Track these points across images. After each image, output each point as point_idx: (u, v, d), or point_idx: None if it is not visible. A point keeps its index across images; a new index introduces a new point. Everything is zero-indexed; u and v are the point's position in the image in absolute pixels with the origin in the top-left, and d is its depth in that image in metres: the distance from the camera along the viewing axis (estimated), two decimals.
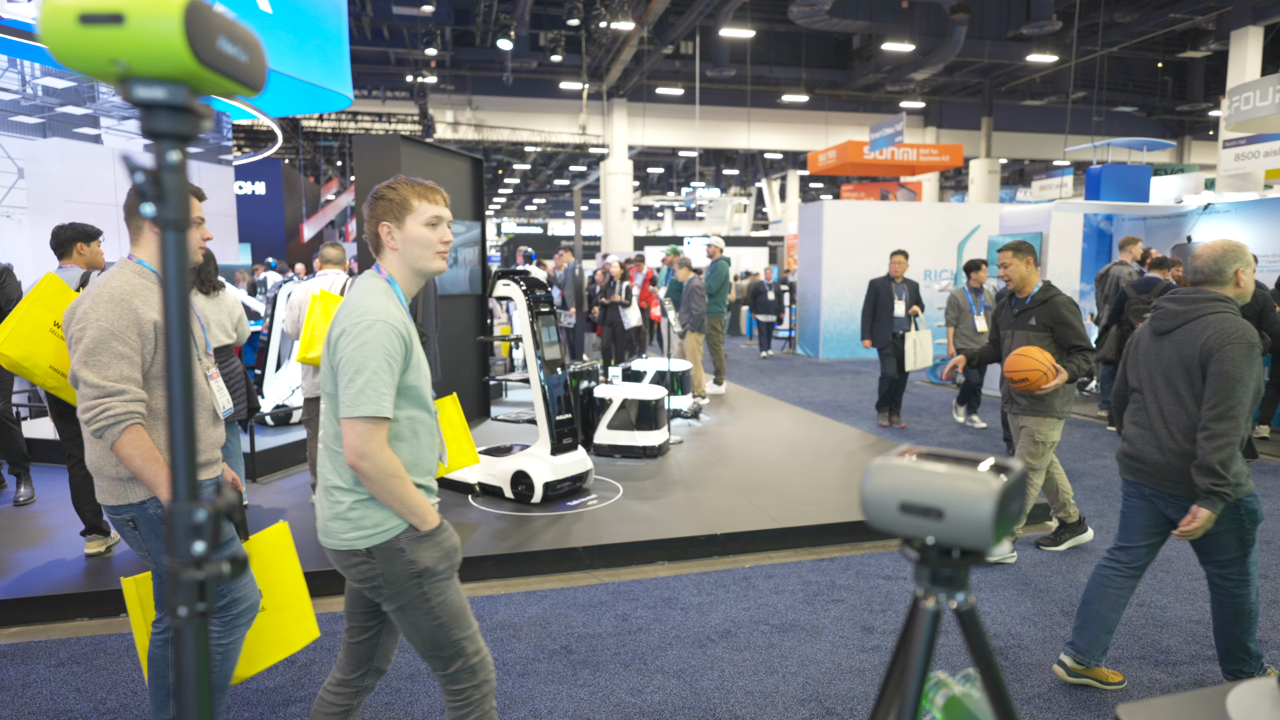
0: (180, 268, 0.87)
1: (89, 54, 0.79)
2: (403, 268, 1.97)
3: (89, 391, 2.03)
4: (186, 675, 0.87)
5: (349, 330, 1.82)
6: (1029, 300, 4.17)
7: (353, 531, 1.89)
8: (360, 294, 1.88)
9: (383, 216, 1.94)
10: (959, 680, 1.19)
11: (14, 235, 8.00)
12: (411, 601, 1.90)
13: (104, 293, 2.10)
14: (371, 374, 1.79)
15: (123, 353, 2.06)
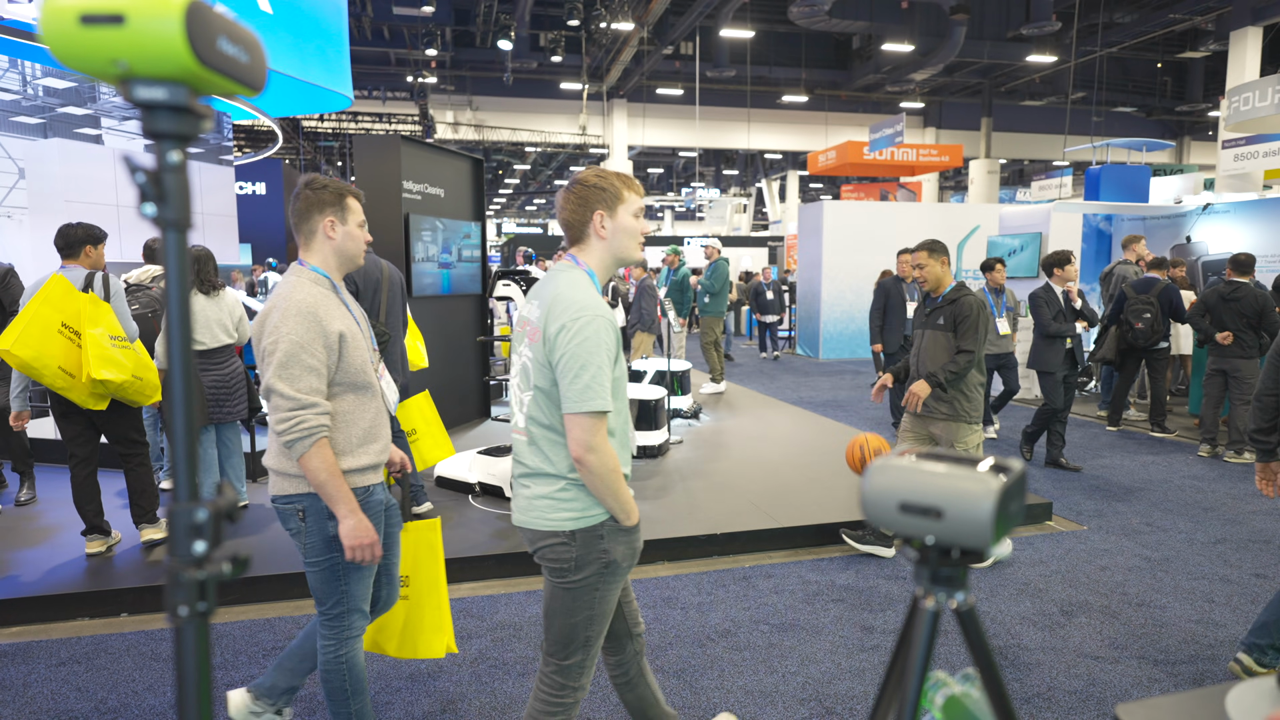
0: (180, 268, 0.87)
1: (90, 54, 0.79)
2: (605, 257, 2.02)
3: (283, 404, 2.07)
4: (187, 675, 0.87)
5: (568, 326, 1.86)
6: (940, 300, 4.22)
7: (560, 513, 1.95)
8: (569, 288, 1.92)
9: (597, 205, 1.98)
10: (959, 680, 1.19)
11: (14, 235, 8.00)
12: (584, 588, 1.98)
13: (291, 305, 2.11)
14: (596, 369, 1.85)
15: (312, 365, 2.10)
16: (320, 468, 2.09)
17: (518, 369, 2.04)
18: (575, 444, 1.86)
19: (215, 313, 4.54)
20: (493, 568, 4.13)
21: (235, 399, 4.65)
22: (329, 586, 2.26)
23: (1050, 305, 6.14)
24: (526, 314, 2.04)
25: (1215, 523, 4.97)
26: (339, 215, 2.23)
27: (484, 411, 7.89)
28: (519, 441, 2.03)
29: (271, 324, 2.11)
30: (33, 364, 3.62)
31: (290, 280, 2.20)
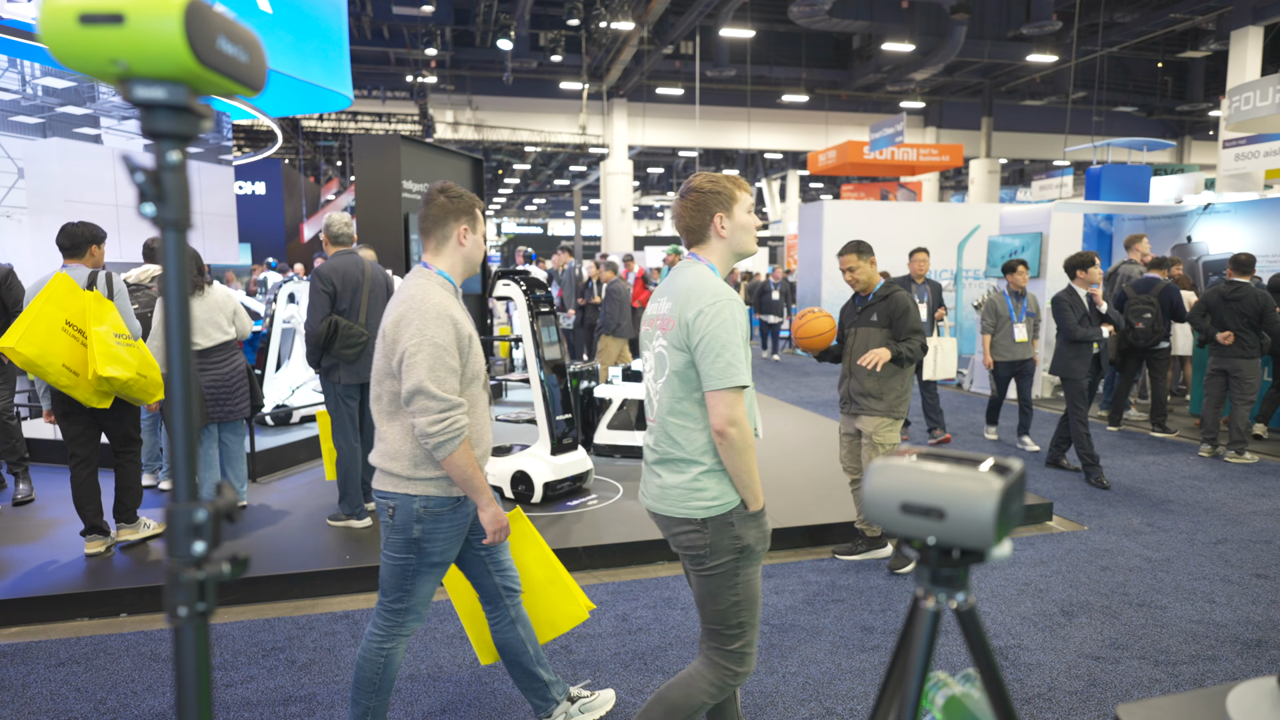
0: (180, 268, 0.87)
1: (89, 54, 0.79)
2: (725, 253, 2.17)
3: (433, 405, 2.14)
4: (186, 676, 0.87)
5: (705, 310, 1.99)
6: (871, 297, 4.25)
7: (693, 500, 2.05)
8: (699, 279, 2.06)
9: (715, 208, 2.13)
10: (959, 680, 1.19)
11: (14, 235, 8.00)
12: (724, 574, 2.07)
13: (429, 309, 2.19)
14: (735, 348, 1.98)
15: (453, 367, 2.20)
16: (466, 464, 2.20)
17: (653, 362, 2.16)
18: (718, 418, 1.98)
19: (204, 311, 4.52)
20: None
21: (236, 397, 4.63)
22: (396, 581, 2.34)
23: (1075, 309, 5.85)
24: (655, 310, 2.18)
25: (1216, 523, 4.97)
26: (471, 224, 2.34)
27: None
28: (654, 427, 2.15)
29: (414, 327, 2.17)
30: (37, 361, 3.63)
31: (418, 283, 2.26)
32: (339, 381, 4.44)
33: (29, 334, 3.62)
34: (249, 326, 4.77)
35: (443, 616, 3.65)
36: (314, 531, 4.51)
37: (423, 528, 2.27)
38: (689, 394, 2.05)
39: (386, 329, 2.24)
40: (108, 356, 3.71)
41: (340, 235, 4.64)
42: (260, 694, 2.99)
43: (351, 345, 4.37)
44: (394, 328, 2.21)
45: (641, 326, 2.27)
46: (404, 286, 2.29)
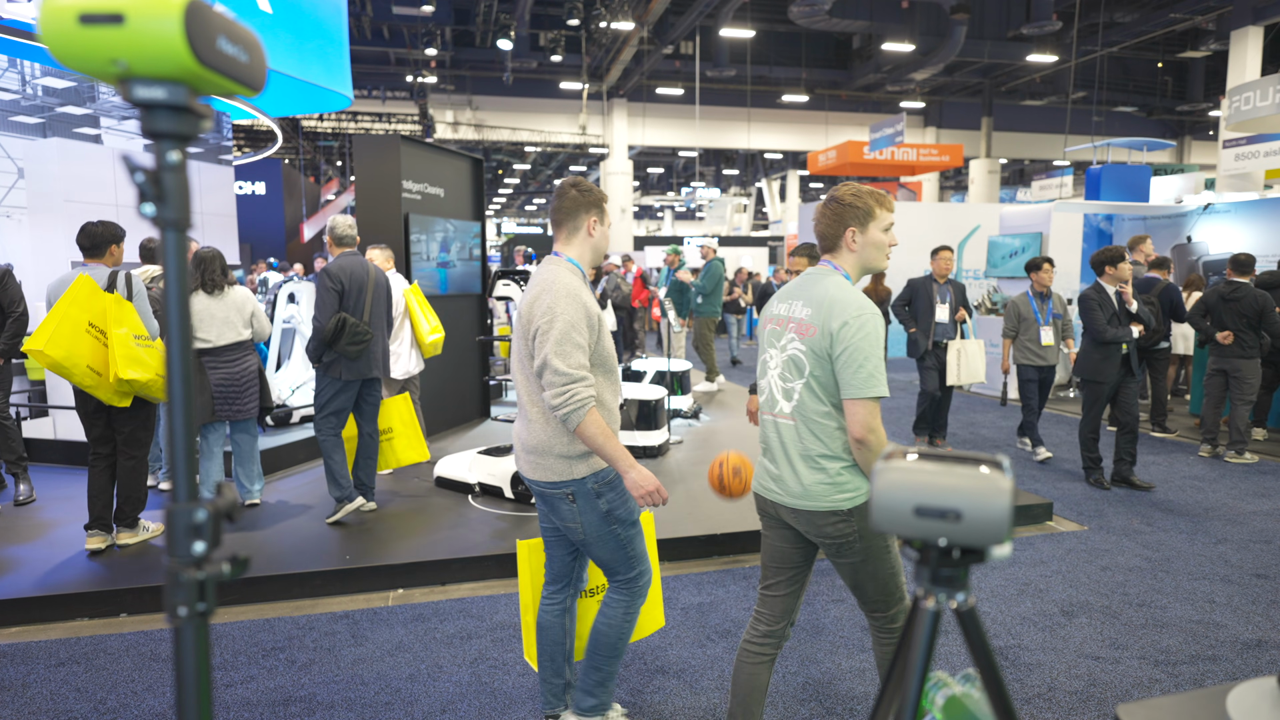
0: (180, 268, 0.87)
1: (89, 54, 0.79)
2: (855, 265, 2.26)
3: (557, 379, 2.24)
4: (186, 675, 0.87)
5: (850, 323, 2.09)
6: None
7: (839, 494, 2.16)
8: (839, 290, 2.16)
9: (850, 222, 2.22)
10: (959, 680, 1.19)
11: (14, 235, 8.00)
12: (877, 554, 2.20)
13: (560, 288, 2.31)
14: (876, 360, 2.08)
15: (580, 343, 2.29)
16: (596, 432, 2.27)
17: (782, 361, 2.24)
18: (858, 426, 2.08)
19: (221, 310, 4.61)
20: (493, 568, 4.13)
21: (246, 396, 4.67)
22: (618, 555, 2.45)
23: (1104, 308, 5.53)
24: (786, 312, 2.26)
25: (1216, 523, 4.97)
26: (600, 216, 2.47)
27: (484, 411, 7.89)
28: (786, 426, 2.24)
29: (544, 305, 2.28)
30: (63, 363, 3.72)
31: (551, 268, 2.39)
32: (340, 377, 4.54)
33: (56, 336, 3.70)
34: (267, 329, 4.85)
35: (443, 616, 3.65)
36: (314, 531, 4.51)
37: (606, 499, 2.39)
38: (828, 398, 2.17)
39: (523, 312, 2.36)
40: (128, 359, 3.81)
41: (344, 237, 4.74)
42: (260, 694, 2.99)
43: (356, 342, 4.49)
44: (529, 309, 2.33)
45: (763, 324, 2.37)
46: (538, 273, 2.42)
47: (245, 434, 4.86)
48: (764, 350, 2.34)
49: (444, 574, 4.06)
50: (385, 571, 4.01)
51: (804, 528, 2.23)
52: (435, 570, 4.06)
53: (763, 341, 2.35)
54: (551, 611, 2.63)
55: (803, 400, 2.19)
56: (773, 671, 2.47)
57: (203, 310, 4.56)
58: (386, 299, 4.81)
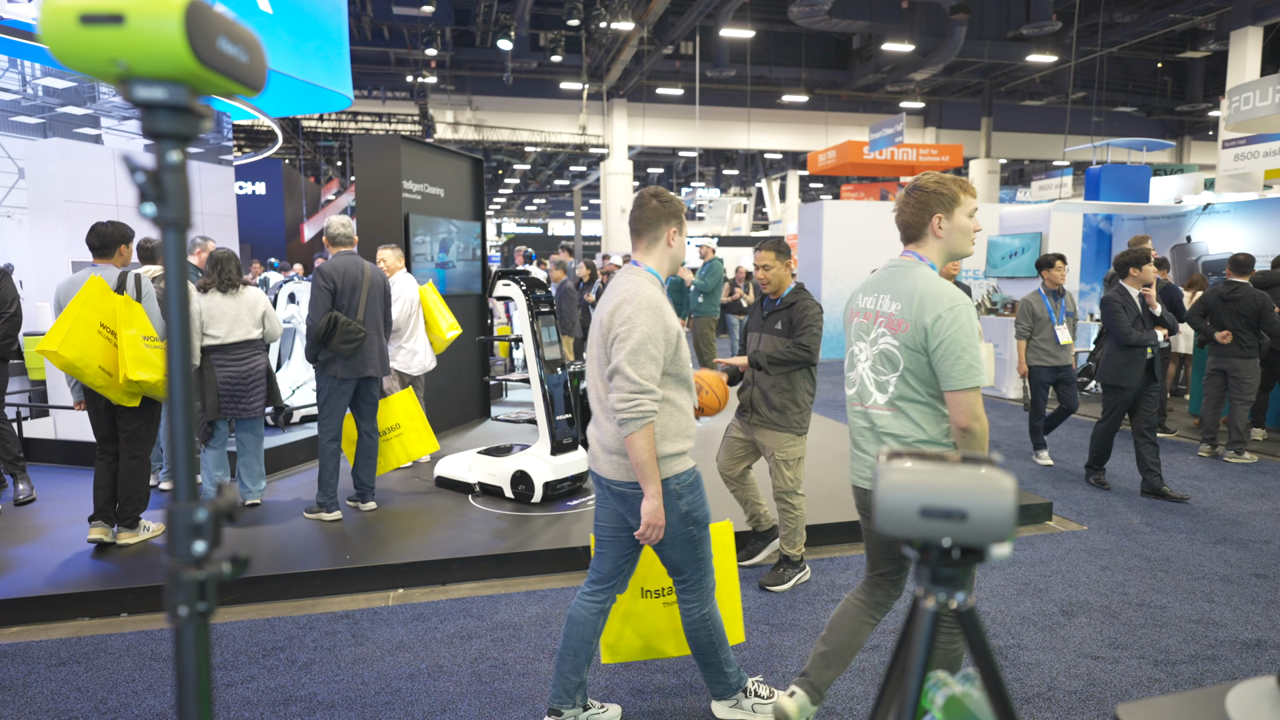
0: (180, 267, 0.87)
1: (89, 54, 0.79)
2: (941, 252, 2.29)
3: (627, 385, 2.31)
4: (187, 675, 0.87)
5: (944, 315, 2.13)
6: (779, 302, 4.00)
7: None
8: (928, 282, 2.20)
9: (936, 208, 2.25)
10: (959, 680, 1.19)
11: (14, 235, 8.00)
12: None
13: (642, 300, 2.37)
14: (974, 350, 2.13)
15: (654, 356, 2.34)
16: (644, 448, 2.32)
17: (873, 355, 2.30)
18: (962, 415, 2.13)
19: (234, 309, 4.67)
20: (493, 568, 4.13)
21: (253, 394, 4.70)
22: (689, 556, 2.52)
23: (1128, 310, 5.35)
24: (873, 305, 2.31)
25: (1215, 523, 4.97)
26: (679, 226, 2.51)
27: (484, 411, 7.89)
28: (882, 416, 2.30)
29: (625, 314, 2.35)
30: (76, 364, 3.77)
31: (632, 278, 2.45)
32: (335, 375, 4.58)
33: (70, 338, 3.76)
34: (279, 330, 4.90)
35: (443, 616, 3.65)
36: (314, 531, 4.51)
37: (686, 500, 2.45)
38: (925, 389, 2.22)
39: (603, 319, 2.41)
40: (137, 360, 3.87)
41: (339, 237, 4.77)
42: (261, 693, 2.99)
43: (349, 341, 4.51)
44: (609, 316, 2.39)
45: (849, 317, 2.42)
46: (618, 282, 2.48)
47: (250, 433, 4.88)
48: (852, 343, 2.39)
49: (444, 574, 4.06)
50: (385, 571, 4.01)
51: None
52: (435, 570, 4.06)
53: (850, 335, 2.41)
54: (589, 608, 2.63)
55: (899, 390, 2.25)
56: None
57: (215, 307, 4.60)
58: (383, 298, 4.82)
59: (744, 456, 4.11)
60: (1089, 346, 9.50)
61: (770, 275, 3.99)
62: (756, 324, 4.11)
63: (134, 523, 4.27)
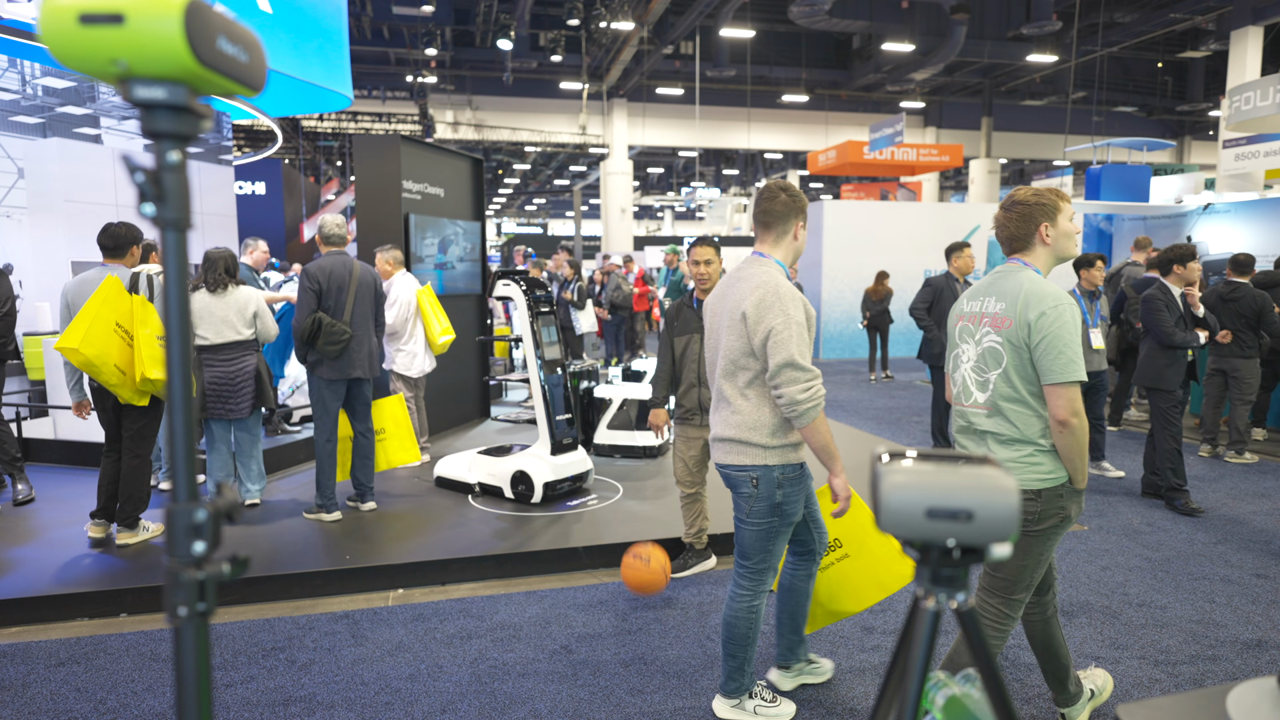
0: (180, 267, 0.87)
1: (89, 54, 0.79)
2: (1048, 258, 2.41)
3: (801, 375, 2.42)
4: (186, 675, 0.87)
5: (1048, 313, 2.23)
6: None
7: (1030, 473, 2.30)
8: (1034, 283, 2.30)
9: (1041, 218, 2.38)
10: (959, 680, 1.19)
11: (14, 235, 8.00)
12: (1041, 538, 2.32)
13: (786, 292, 2.49)
14: (1075, 346, 2.22)
15: (808, 342, 2.49)
16: (825, 431, 2.48)
17: (977, 354, 2.41)
18: (1061, 410, 2.21)
19: (221, 309, 4.62)
20: (493, 568, 4.13)
21: (240, 397, 4.68)
22: (759, 544, 2.64)
23: (1170, 309, 5.17)
24: (979, 308, 2.42)
25: (1216, 523, 4.97)
26: (804, 220, 2.65)
27: (484, 411, 7.89)
28: (979, 414, 2.40)
29: (777, 308, 2.45)
30: (95, 361, 3.84)
31: (765, 270, 2.55)
32: (323, 377, 4.59)
33: (90, 335, 3.83)
34: (273, 330, 4.84)
35: (443, 616, 3.65)
36: (314, 531, 4.51)
37: (784, 492, 2.58)
38: (1025, 386, 2.30)
39: (747, 312, 2.49)
40: (154, 359, 3.95)
41: (332, 236, 4.76)
42: (260, 694, 2.99)
43: (334, 342, 4.52)
44: (755, 310, 2.47)
45: (954, 321, 2.52)
46: (748, 274, 2.56)
47: (246, 433, 4.87)
48: (955, 346, 2.50)
49: (444, 574, 4.06)
50: (385, 571, 4.01)
51: None
52: (435, 570, 4.06)
53: (954, 337, 2.51)
54: (797, 576, 2.88)
55: (998, 389, 2.34)
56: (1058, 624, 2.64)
57: (202, 308, 4.58)
58: (373, 299, 4.79)
59: (702, 463, 4.03)
60: None
61: (712, 271, 3.89)
62: (692, 324, 3.94)
63: (134, 523, 4.28)
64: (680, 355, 4.00)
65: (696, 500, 4.10)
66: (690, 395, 3.96)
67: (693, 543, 4.16)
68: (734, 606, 2.69)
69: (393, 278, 5.78)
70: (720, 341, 2.61)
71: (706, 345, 2.73)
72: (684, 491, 4.09)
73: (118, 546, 4.23)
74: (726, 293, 2.62)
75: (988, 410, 2.36)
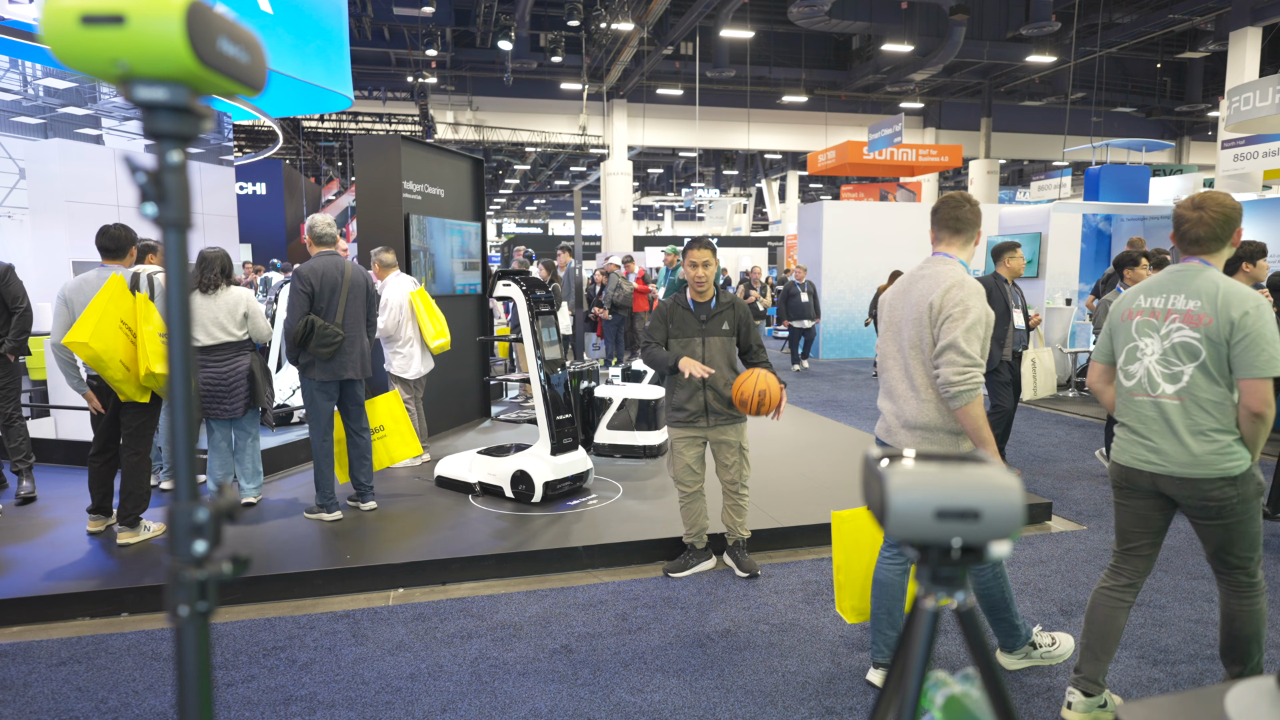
0: (181, 267, 0.87)
1: (90, 55, 0.79)
2: (1225, 258, 2.63)
3: (961, 360, 2.65)
4: (187, 675, 0.87)
5: (1250, 312, 2.40)
6: (714, 304, 3.92)
7: (1228, 462, 2.49)
8: (1230, 283, 2.48)
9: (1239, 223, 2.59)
10: (959, 680, 1.19)
11: (15, 235, 8.01)
12: (1250, 515, 2.54)
13: (971, 286, 2.73)
14: (1276, 343, 2.39)
15: (983, 336, 2.71)
16: (978, 415, 2.69)
17: (1164, 348, 2.56)
18: (1257, 400, 2.40)
19: (211, 311, 4.61)
20: (492, 568, 4.13)
21: (233, 397, 4.67)
22: None
23: None
24: (1163, 305, 2.56)
25: None
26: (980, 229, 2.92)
27: (484, 411, 7.89)
28: (1171, 405, 2.55)
29: (958, 298, 2.70)
30: (103, 356, 3.92)
31: (950, 268, 2.81)
32: (314, 378, 4.60)
33: (99, 330, 3.91)
34: (265, 330, 4.82)
35: (443, 616, 3.65)
36: (314, 531, 4.51)
37: None
38: (1223, 379, 2.47)
39: (934, 302, 2.72)
40: (158, 355, 4.04)
41: (323, 236, 4.76)
42: (261, 693, 2.99)
43: (326, 344, 4.52)
44: (941, 300, 2.71)
45: (1128, 316, 2.66)
46: (934, 272, 2.81)
47: (242, 432, 4.87)
48: (1132, 339, 2.64)
49: (444, 574, 4.06)
50: (385, 571, 4.01)
51: (1185, 493, 2.55)
52: (435, 570, 4.06)
53: (1129, 331, 2.66)
54: (893, 570, 2.99)
55: (1194, 381, 2.50)
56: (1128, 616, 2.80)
57: (194, 310, 4.56)
58: (365, 299, 4.78)
59: (702, 462, 4.05)
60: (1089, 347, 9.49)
61: (709, 274, 3.88)
62: (696, 329, 3.91)
63: (134, 522, 4.30)
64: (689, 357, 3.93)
65: (696, 500, 4.10)
66: (696, 399, 3.91)
67: (693, 543, 4.16)
68: (979, 580, 2.95)
69: (386, 279, 5.78)
70: (904, 334, 2.85)
71: (883, 338, 2.97)
72: (684, 492, 4.09)
73: (119, 546, 4.24)
74: (909, 289, 2.86)
75: (1179, 401, 2.53)
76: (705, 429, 3.96)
